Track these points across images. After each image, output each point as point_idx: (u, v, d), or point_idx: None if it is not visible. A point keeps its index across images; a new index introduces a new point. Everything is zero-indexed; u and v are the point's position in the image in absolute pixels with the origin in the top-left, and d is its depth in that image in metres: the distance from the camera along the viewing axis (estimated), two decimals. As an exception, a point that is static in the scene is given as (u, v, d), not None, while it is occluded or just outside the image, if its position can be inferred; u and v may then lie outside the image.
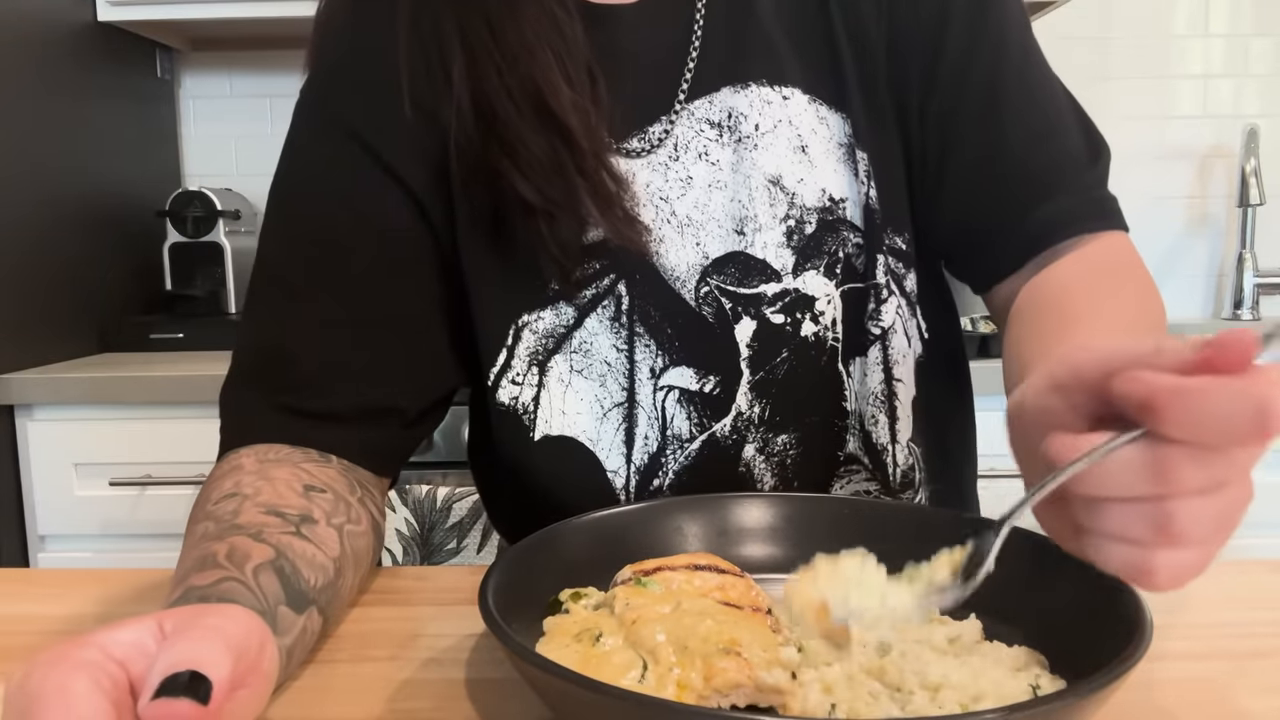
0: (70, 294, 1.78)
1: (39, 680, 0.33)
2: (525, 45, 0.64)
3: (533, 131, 0.64)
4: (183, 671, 0.31)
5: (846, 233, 0.69)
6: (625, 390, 0.69)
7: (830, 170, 0.68)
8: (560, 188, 0.64)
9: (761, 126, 0.68)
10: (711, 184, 0.68)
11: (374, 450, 0.70)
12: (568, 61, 0.65)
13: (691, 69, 0.69)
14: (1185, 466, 0.37)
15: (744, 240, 0.68)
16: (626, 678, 0.44)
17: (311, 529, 0.58)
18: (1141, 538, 0.39)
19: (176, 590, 0.48)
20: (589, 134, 0.65)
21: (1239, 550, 1.48)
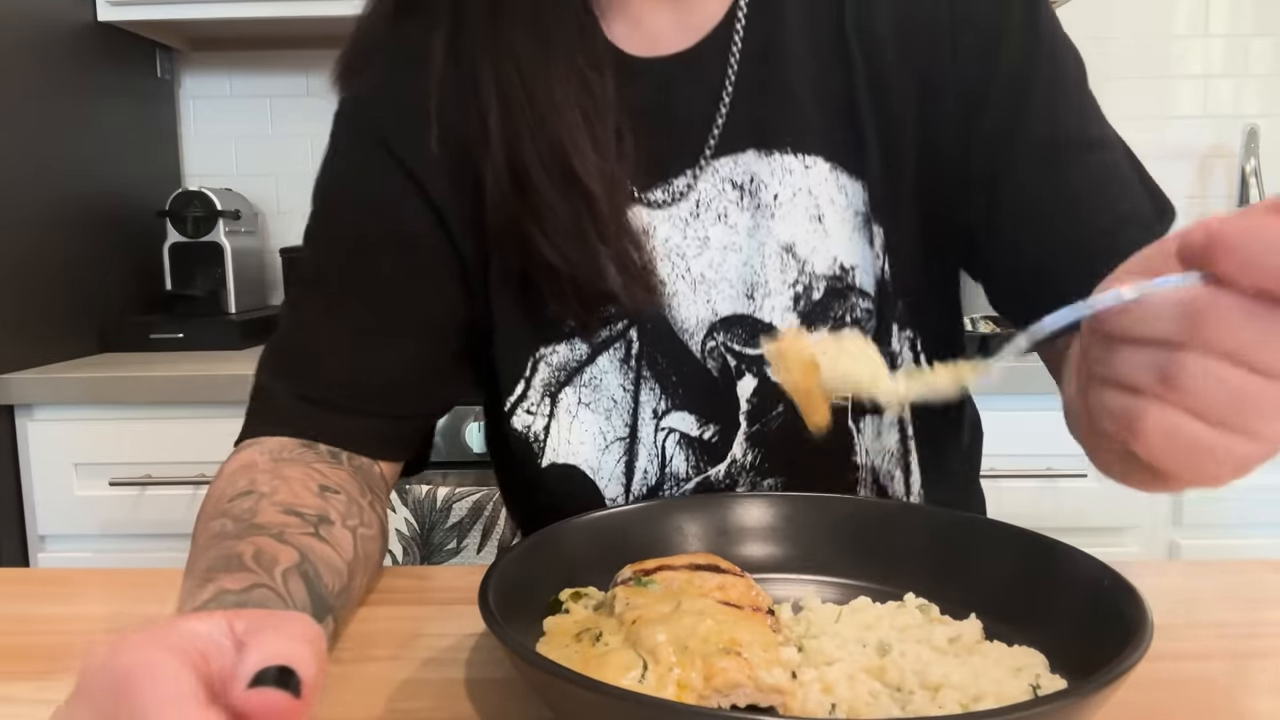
0: (70, 294, 1.78)
1: (130, 658, 0.32)
2: (554, 105, 0.65)
3: (560, 198, 0.66)
4: (272, 666, 0.32)
5: (855, 299, 0.69)
6: (628, 426, 0.71)
7: (844, 239, 0.69)
8: (583, 253, 0.66)
9: (780, 196, 0.68)
10: (727, 246, 0.69)
11: (389, 442, 0.72)
12: (595, 122, 0.66)
13: (720, 125, 0.69)
14: (1220, 315, 0.34)
15: (753, 304, 0.70)
16: (626, 678, 0.44)
17: (329, 530, 0.58)
18: (1143, 384, 0.36)
19: (204, 590, 0.48)
20: (612, 200, 0.66)
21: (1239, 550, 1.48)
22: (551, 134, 0.65)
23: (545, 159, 0.65)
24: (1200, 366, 0.35)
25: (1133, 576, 0.49)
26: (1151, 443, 0.36)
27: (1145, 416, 0.36)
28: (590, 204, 0.65)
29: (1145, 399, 0.36)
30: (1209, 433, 0.35)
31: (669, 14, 0.70)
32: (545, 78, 0.66)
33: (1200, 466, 0.36)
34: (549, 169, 0.65)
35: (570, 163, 0.65)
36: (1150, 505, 1.62)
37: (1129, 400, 0.37)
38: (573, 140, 0.65)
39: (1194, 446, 0.36)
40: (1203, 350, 0.35)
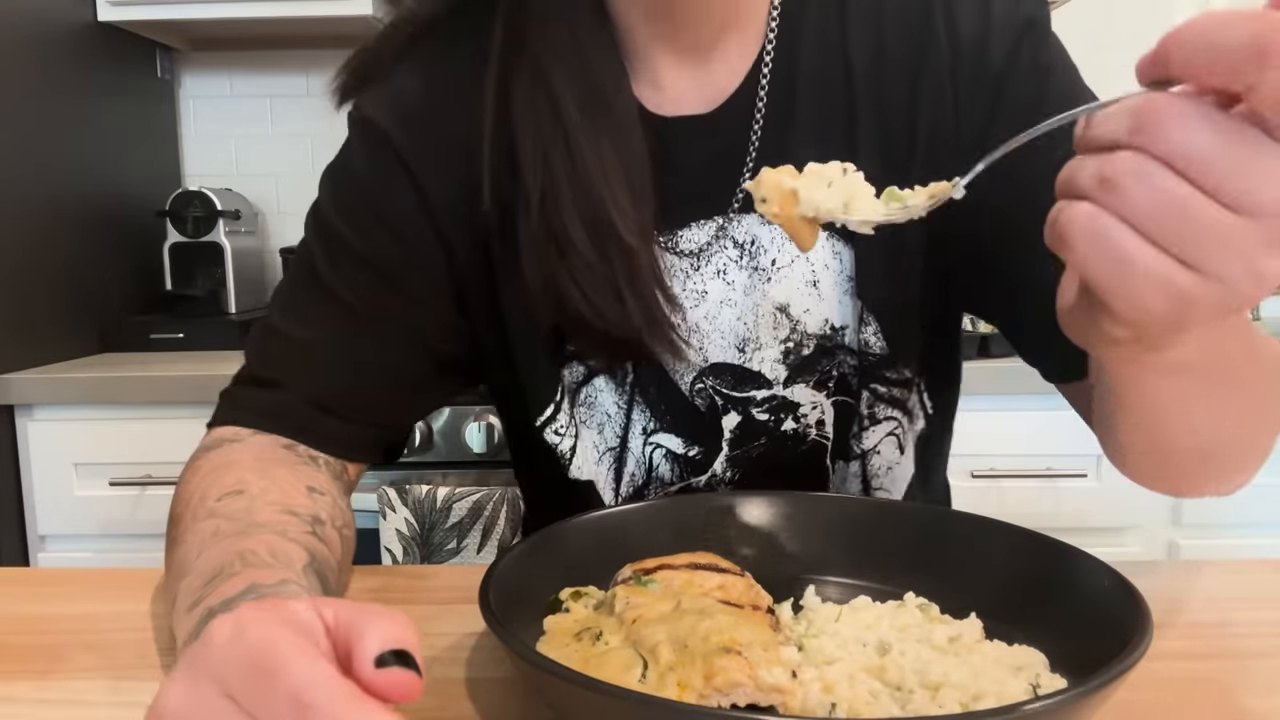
0: (70, 294, 1.78)
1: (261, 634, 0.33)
2: (600, 167, 0.66)
3: (599, 257, 0.66)
4: (390, 650, 0.33)
5: (843, 356, 0.72)
6: (619, 439, 0.74)
7: (836, 302, 0.71)
8: (619, 310, 0.67)
9: (779, 262, 0.70)
10: (723, 301, 0.71)
11: (364, 447, 0.73)
12: (634, 178, 0.67)
13: (734, 187, 0.70)
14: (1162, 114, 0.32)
15: (743, 357, 0.72)
16: (626, 677, 0.44)
17: (323, 530, 0.59)
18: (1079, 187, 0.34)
19: (230, 583, 0.48)
20: (649, 255, 0.67)
21: (1239, 550, 1.48)
22: (596, 197, 0.66)
23: (587, 220, 0.66)
24: (1135, 164, 0.32)
25: (1133, 576, 0.49)
26: (1078, 247, 0.34)
27: (1074, 216, 0.34)
28: (629, 260, 0.66)
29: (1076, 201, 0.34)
30: (1140, 246, 0.33)
31: (690, 77, 0.70)
32: (594, 147, 0.66)
33: (1135, 287, 0.33)
34: (590, 230, 0.66)
35: (612, 222, 0.65)
36: (1150, 505, 1.62)
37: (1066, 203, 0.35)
38: (615, 200, 0.65)
39: (1125, 258, 0.33)
40: (1140, 149, 0.32)
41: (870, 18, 0.68)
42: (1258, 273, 0.32)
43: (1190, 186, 0.32)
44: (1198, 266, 0.32)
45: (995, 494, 1.61)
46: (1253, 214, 0.31)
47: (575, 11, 0.67)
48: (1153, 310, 0.33)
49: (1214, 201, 0.31)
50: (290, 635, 0.33)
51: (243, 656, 0.32)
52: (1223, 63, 0.31)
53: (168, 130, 2.18)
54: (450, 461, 1.61)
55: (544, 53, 0.67)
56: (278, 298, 0.74)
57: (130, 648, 0.57)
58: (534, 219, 0.67)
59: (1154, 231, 0.32)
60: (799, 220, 0.43)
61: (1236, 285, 0.32)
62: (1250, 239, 0.31)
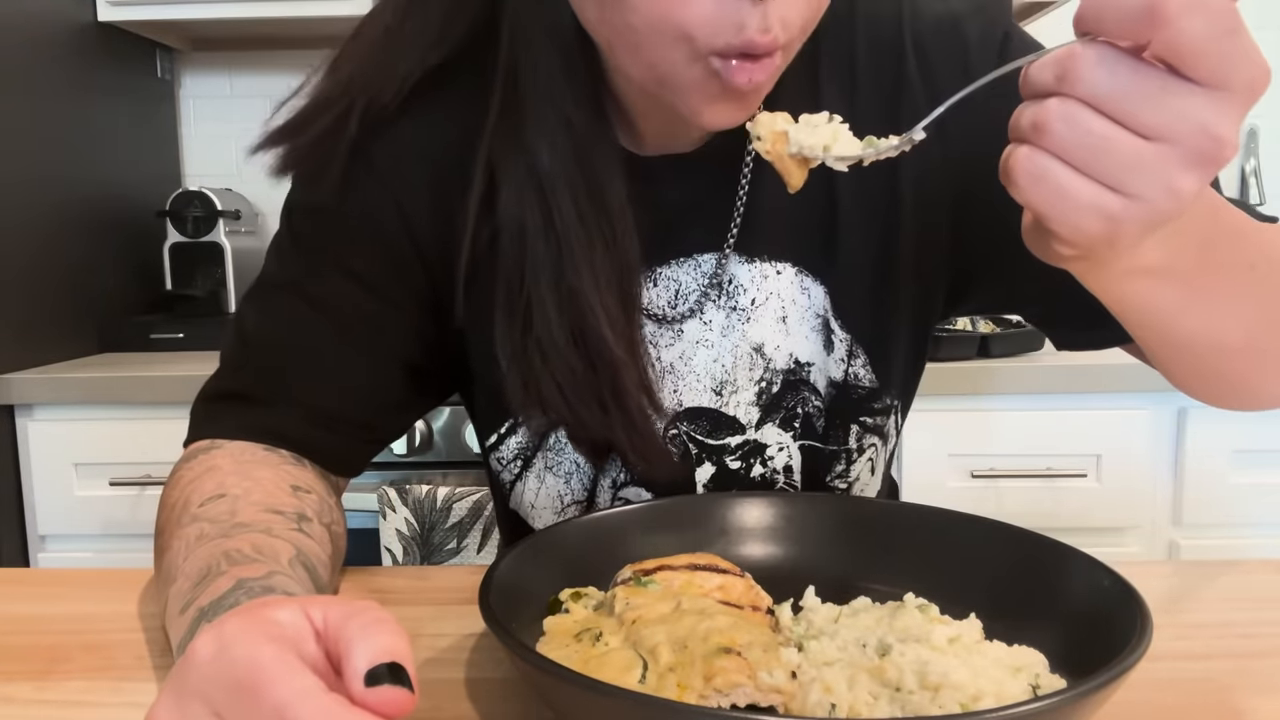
0: (71, 294, 1.78)
1: (244, 652, 0.33)
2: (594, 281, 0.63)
3: (586, 368, 0.64)
4: (383, 663, 0.33)
5: (807, 393, 0.71)
6: (586, 491, 0.73)
7: (802, 338, 0.70)
8: (601, 420, 0.66)
9: (756, 300, 0.69)
10: (699, 341, 0.69)
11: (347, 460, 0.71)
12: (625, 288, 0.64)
13: (735, 230, 0.68)
14: (1083, 63, 0.37)
15: (720, 401, 0.70)
16: (626, 678, 0.44)
17: (309, 527, 0.59)
18: (1021, 132, 0.39)
19: (217, 582, 0.48)
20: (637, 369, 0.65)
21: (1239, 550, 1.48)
22: (586, 307, 0.63)
23: (575, 330, 0.63)
24: (1062, 109, 0.37)
25: (1133, 576, 0.49)
26: (1021, 184, 0.39)
27: (1017, 159, 0.39)
28: (616, 373, 0.64)
29: (1020, 145, 0.39)
30: (1075, 178, 0.38)
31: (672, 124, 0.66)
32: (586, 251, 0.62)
33: (1071, 214, 0.38)
34: (577, 340, 0.64)
35: (602, 336, 0.63)
36: (1150, 505, 1.62)
37: (1010, 147, 0.39)
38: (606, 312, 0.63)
39: (1060, 190, 0.38)
40: (1066, 94, 0.37)
41: (844, 80, 0.67)
42: (1174, 189, 0.37)
43: (1109, 122, 0.37)
44: (1122, 189, 0.37)
45: (995, 494, 1.61)
46: (1164, 139, 0.36)
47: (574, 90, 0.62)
48: (1089, 231, 0.39)
49: (1131, 133, 0.37)
50: (274, 651, 0.33)
51: (226, 675, 0.33)
52: (1125, 24, 0.36)
53: (168, 130, 2.18)
54: (450, 461, 1.61)
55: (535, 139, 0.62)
56: (252, 299, 0.71)
57: (129, 648, 0.57)
58: (516, 322, 0.64)
59: (1083, 164, 0.37)
60: (788, 159, 0.48)
61: (1157, 202, 0.37)
62: (1165, 161, 0.36)
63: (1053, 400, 1.58)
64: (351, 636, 0.34)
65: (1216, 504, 1.62)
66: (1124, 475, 1.60)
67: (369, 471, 0.83)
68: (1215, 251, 0.47)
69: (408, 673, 0.33)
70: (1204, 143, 0.36)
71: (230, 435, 0.67)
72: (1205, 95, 0.36)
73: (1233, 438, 1.60)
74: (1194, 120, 0.36)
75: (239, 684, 0.32)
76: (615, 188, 0.63)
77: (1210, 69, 0.36)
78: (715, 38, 0.50)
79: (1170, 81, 0.36)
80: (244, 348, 0.70)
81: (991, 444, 1.61)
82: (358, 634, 0.34)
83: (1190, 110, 0.36)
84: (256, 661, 0.32)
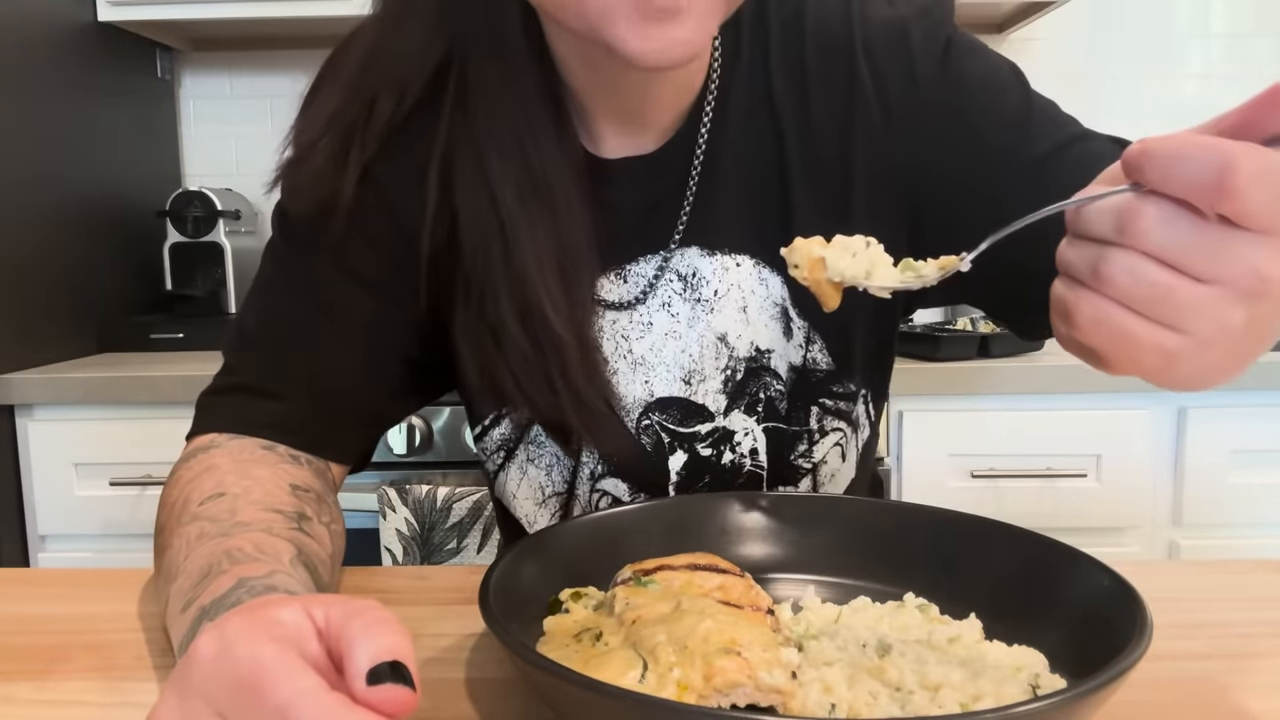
0: (71, 294, 1.79)
1: (246, 652, 0.33)
2: (536, 262, 0.65)
3: (533, 349, 0.66)
4: (384, 662, 0.33)
5: (769, 378, 0.73)
6: (567, 483, 0.75)
7: (762, 326, 0.72)
8: (551, 401, 0.68)
9: (719, 292, 0.71)
10: (668, 333, 0.72)
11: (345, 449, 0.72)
12: (570, 271, 0.66)
13: (677, 226, 0.71)
14: (1144, 218, 0.39)
15: (689, 390, 0.73)
16: (626, 678, 0.44)
17: (309, 526, 0.60)
18: (1080, 275, 0.41)
19: (218, 580, 0.48)
20: (584, 352, 0.67)
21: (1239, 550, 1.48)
22: (530, 288, 0.65)
23: (521, 312, 0.66)
24: (1126, 261, 0.39)
25: (1133, 576, 0.49)
26: (1082, 327, 0.41)
27: (1079, 304, 0.41)
28: (561, 353, 0.66)
29: (1080, 289, 0.41)
30: (1135, 321, 0.40)
31: (632, 124, 0.69)
32: (530, 233, 0.65)
33: (1130, 353, 0.41)
34: (524, 321, 0.66)
35: (545, 315, 0.65)
36: (1150, 505, 1.62)
37: (1067, 289, 0.42)
38: (549, 292, 0.65)
39: (1121, 333, 0.40)
40: (1128, 247, 0.39)
41: (795, 78, 0.69)
42: (1226, 326, 0.40)
43: (1170, 271, 0.39)
44: (1181, 329, 0.40)
45: (995, 494, 1.61)
46: (1219, 284, 0.39)
47: (519, 94, 0.65)
48: (1147, 365, 0.41)
49: (1189, 279, 0.39)
50: (275, 650, 0.33)
51: (229, 674, 0.33)
52: (1191, 188, 0.38)
53: (168, 130, 2.18)
54: (450, 461, 1.61)
55: (485, 140, 0.65)
56: (252, 298, 0.72)
57: (129, 648, 0.57)
58: (472, 308, 0.67)
59: (1146, 310, 0.40)
60: (825, 283, 0.49)
61: (1210, 336, 0.40)
62: (1219, 302, 0.39)
63: (1053, 400, 1.58)
64: (353, 635, 0.34)
65: (1216, 504, 1.62)
66: (1124, 475, 1.60)
67: (369, 471, 0.84)
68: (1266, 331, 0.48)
69: (409, 672, 0.33)
70: (1254, 283, 0.39)
71: (234, 428, 0.68)
72: (1259, 242, 0.38)
73: (1233, 438, 1.60)
74: (1246, 264, 0.38)
75: (241, 684, 0.32)
76: (558, 174, 0.66)
77: (1267, 224, 0.38)
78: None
79: (1228, 234, 0.38)
80: (245, 345, 0.71)
81: (991, 444, 1.61)
82: (359, 633, 0.34)
83: (1244, 256, 0.38)
84: (259, 661, 0.32)
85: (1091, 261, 0.40)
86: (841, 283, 0.49)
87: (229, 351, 0.72)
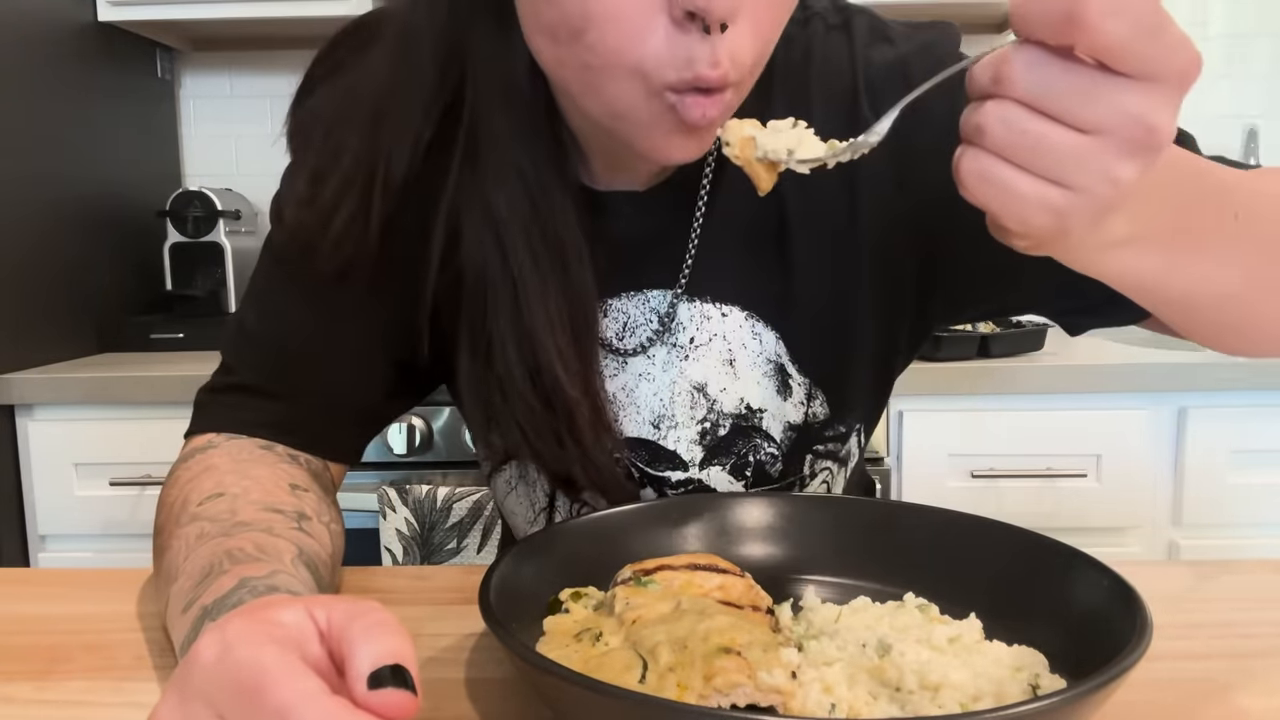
0: (70, 294, 1.79)
1: (247, 655, 0.33)
2: (548, 322, 0.64)
3: (543, 406, 0.65)
4: (386, 665, 0.33)
5: (760, 440, 0.71)
6: (548, 497, 0.75)
7: (753, 383, 0.70)
8: (558, 454, 0.67)
9: (696, 340, 0.70)
10: (641, 374, 0.70)
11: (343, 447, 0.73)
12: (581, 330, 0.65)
13: (667, 266, 0.69)
14: (1014, 65, 0.37)
15: (658, 434, 0.71)
16: (626, 678, 0.44)
17: (309, 526, 0.60)
18: (966, 134, 0.40)
19: (219, 580, 0.48)
20: (593, 406, 0.66)
21: (1239, 550, 1.48)
22: (540, 348, 0.64)
23: (530, 370, 0.64)
24: (999, 110, 0.38)
25: (1133, 576, 0.49)
26: (968, 184, 0.40)
27: (962, 160, 0.40)
28: (572, 412, 0.65)
29: (966, 146, 0.40)
30: (1017, 174, 0.39)
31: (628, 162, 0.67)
32: (540, 293, 0.63)
33: (1017, 210, 0.39)
34: (533, 379, 0.65)
35: (556, 376, 0.64)
36: (1150, 505, 1.62)
37: (958, 149, 0.40)
38: (560, 353, 0.64)
39: (1005, 189, 0.39)
40: (1001, 100, 0.38)
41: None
42: (1114, 179, 0.38)
43: (1045, 119, 0.38)
44: (1064, 183, 0.38)
45: (995, 494, 1.61)
46: (1099, 132, 0.37)
47: (529, 147, 0.63)
48: (1037, 224, 0.39)
49: (1067, 128, 0.37)
50: (277, 653, 0.33)
51: (230, 677, 0.33)
52: (1049, 28, 0.37)
53: (168, 130, 2.18)
54: (450, 461, 1.61)
55: (494, 193, 0.63)
56: (250, 295, 0.72)
57: (130, 648, 0.57)
58: (479, 359, 0.66)
59: (1024, 161, 0.38)
60: (756, 163, 0.49)
61: (1098, 192, 0.38)
62: (1102, 153, 0.37)
63: (1053, 400, 1.58)
64: (355, 638, 0.34)
65: (1216, 504, 1.62)
66: (1124, 475, 1.60)
67: (369, 471, 0.84)
68: (1197, 211, 0.47)
69: (411, 675, 0.33)
70: (1138, 132, 0.37)
71: (232, 427, 0.68)
72: (1136, 87, 0.37)
73: (1233, 438, 1.60)
74: (1127, 112, 0.37)
75: (242, 686, 0.32)
76: (570, 232, 0.64)
77: (1137, 65, 0.36)
78: (667, 72, 0.51)
79: (1100, 77, 0.37)
80: (243, 344, 0.71)
81: (991, 444, 1.61)
82: (361, 636, 0.34)
83: (1123, 102, 0.37)
84: (260, 664, 0.32)
85: (972, 119, 0.39)
86: (771, 162, 0.49)
87: (227, 350, 0.72)
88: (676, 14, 0.50)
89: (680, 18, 0.50)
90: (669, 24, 0.50)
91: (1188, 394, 1.58)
